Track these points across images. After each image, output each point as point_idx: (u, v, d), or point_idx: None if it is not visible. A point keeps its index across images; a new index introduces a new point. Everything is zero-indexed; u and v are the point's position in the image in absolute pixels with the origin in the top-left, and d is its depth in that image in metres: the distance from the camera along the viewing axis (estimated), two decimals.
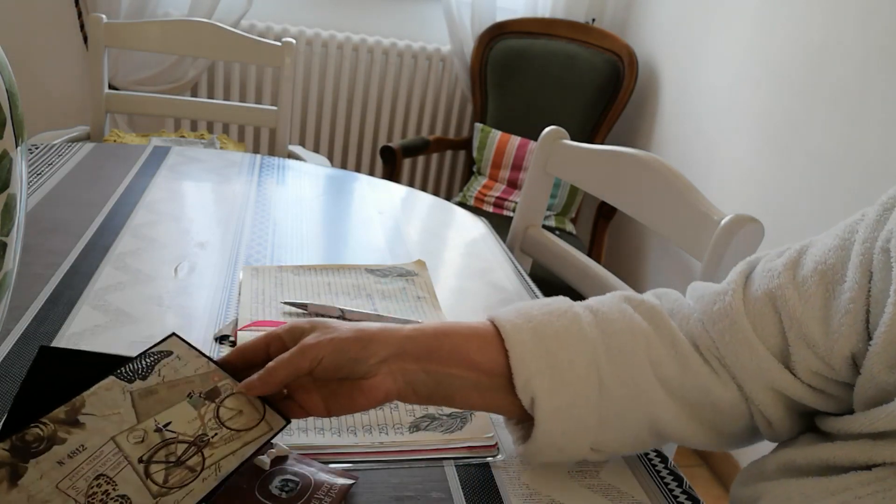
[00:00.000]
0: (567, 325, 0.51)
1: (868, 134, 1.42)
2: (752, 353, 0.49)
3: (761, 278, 0.51)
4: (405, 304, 0.80)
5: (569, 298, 0.55)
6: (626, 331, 0.52)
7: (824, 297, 0.47)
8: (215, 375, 0.52)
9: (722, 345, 0.51)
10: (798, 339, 0.48)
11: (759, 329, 0.50)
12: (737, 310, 0.50)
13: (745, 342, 0.49)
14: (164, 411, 0.49)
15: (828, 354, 0.46)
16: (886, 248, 0.43)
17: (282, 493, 0.48)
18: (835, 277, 0.46)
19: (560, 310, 0.53)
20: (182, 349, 0.54)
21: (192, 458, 0.47)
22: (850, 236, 0.47)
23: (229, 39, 1.59)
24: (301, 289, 0.79)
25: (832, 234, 0.49)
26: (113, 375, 0.51)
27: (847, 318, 0.45)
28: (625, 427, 0.52)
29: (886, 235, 0.43)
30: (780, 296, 0.49)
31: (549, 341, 0.50)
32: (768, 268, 0.51)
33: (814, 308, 0.47)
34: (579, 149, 1.03)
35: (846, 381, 0.47)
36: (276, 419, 0.50)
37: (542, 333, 0.50)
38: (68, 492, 0.44)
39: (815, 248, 0.49)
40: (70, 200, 0.95)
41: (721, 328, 0.51)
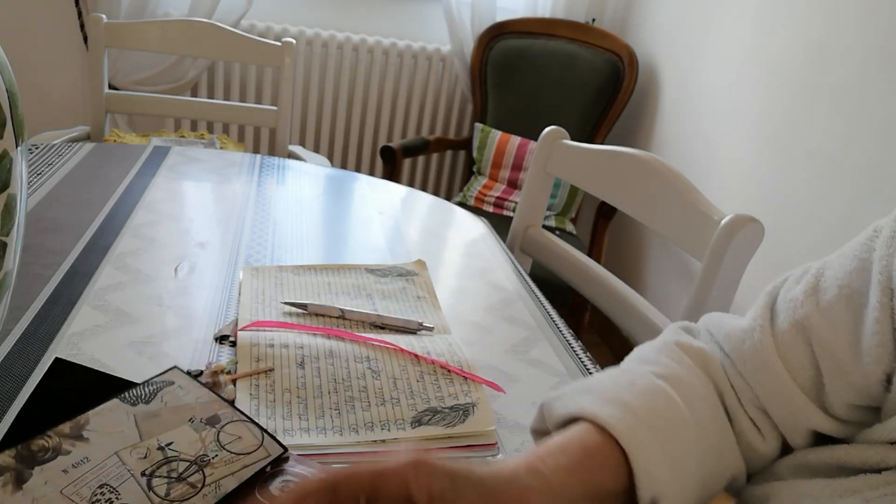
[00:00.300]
0: (670, 412, 0.46)
1: (868, 134, 1.42)
2: (787, 396, 0.48)
3: (785, 309, 0.49)
4: (405, 303, 0.80)
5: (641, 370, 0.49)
6: (705, 398, 0.49)
7: (852, 321, 0.45)
8: (216, 404, 0.54)
9: (757, 388, 0.49)
10: (833, 369, 0.46)
11: (791, 364, 0.48)
12: (767, 347, 0.49)
13: (780, 383, 0.48)
14: (167, 432, 0.51)
15: (863, 381, 0.45)
16: None
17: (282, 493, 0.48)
18: (860, 301, 0.45)
19: (650, 389, 0.47)
20: (183, 380, 0.57)
21: (193, 476, 0.48)
22: (867, 255, 0.45)
23: (229, 39, 1.59)
24: (301, 289, 0.79)
25: (849, 256, 0.47)
26: (117, 398, 0.53)
27: (875, 339, 0.43)
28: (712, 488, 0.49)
29: None
30: (808, 325, 0.47)
31: (666, 441, 0.45)
32: (789, 297, 0.49)
33: (844, 333, 0.46)
34: (579, 149, 1.03)
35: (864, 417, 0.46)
36: (273, 446, 0.52)
37: (653, 427, 0.45)
38: (72, 497, 0.44)
39: (832, 270, 0.48)
40: (70, 200, 0.95)
41: (753, 368, 0.49)
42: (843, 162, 1.47)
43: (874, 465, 0.41)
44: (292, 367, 0.63)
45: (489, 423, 0.60)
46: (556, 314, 0.86)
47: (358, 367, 0.65)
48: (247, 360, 0.63)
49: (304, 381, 0.62)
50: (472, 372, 0.66)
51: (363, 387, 0.62)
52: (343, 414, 0.59)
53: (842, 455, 0.43)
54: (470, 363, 0.67)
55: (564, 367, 0.74)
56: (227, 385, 0.60)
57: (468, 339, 0.76)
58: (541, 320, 0.84)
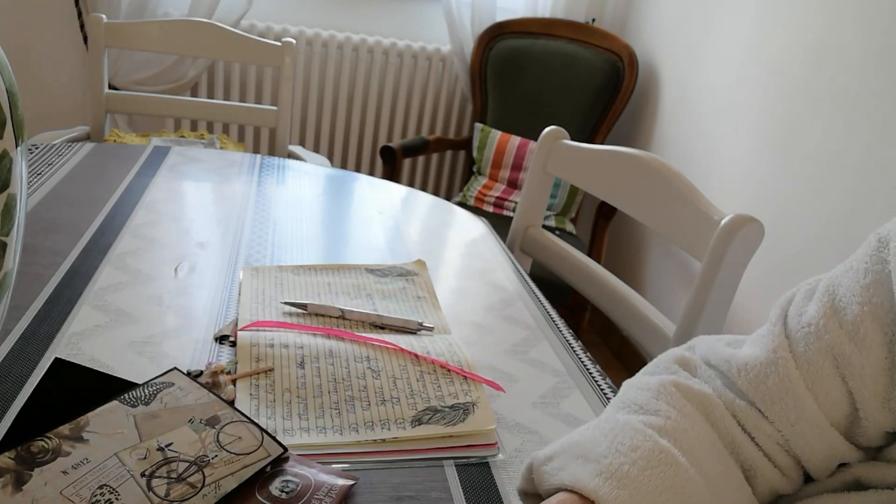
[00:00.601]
0: (678, 481, 0.42)
1: (868, 134, 1.42)
2: (821, 435, 0.44)
3: (805, 336, 0.45)
4: (405, 303, 0.80)
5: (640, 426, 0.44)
6: (711, 452, 0.45)
7: (885, 342, 0.41)
8: (215, 405, 0.55)
9: (786, 428, 0.45)
10: (873, 397, 0.42)
11: (822, 398, 0.44)
12: (796, 382, 0.44)
13: (814, 423, 0.44)
14: (166, 433, 0.51)
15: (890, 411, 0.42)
16: None
17: (282, 494, 0.49)
18: (887, 318, 0.42)
19: (656, 457, 0.42)
20: (183, 381, 0.57)
21: (193, 476, 0.48)
22: (881, 267, 0.42)
23: (229, 39, 1.59)
24: (301, 289, 0.79)
25: (859, 270, 0.44)
26: (117, 400, 0.53)
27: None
28: None
29: None
30: (837, 354, 0.43)
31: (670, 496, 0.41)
32: (805, 322, 0.45)
33: (878, 358, 0.42)
34: (579, 149, 1.03)
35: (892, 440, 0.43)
36: (273, 446, 0.52)
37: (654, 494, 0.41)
38: (72, 498, 0.44)
39: (844, 287, 0.44)
40: (70, 200, 0.95)
41: (784, 408, 0.44)
42: (842, 162, 1.47)
43: (890, 484, 0.39)
44: (292, 367, 0.63)
45: (489, 423, 0.60)
46: (556, 314, 0.86)
47: (358, 366, 0.65)
48: (247, 360, 0.63)
49: (304, 381, 0.62)
50: (472, 371, 0.66)
51: (363, 386, 0.62)
52: (343, 413, 0.59)
53: (858, 472, 0.41)
54: (470, 363, 0.67)
55: (564, 367, 0.74)
56: (227, 385, 0.60)
57: (468, 339, 0.76)
58: (541, 320, 0.84)
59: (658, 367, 0.51)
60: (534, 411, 0.65)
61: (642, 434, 0.43)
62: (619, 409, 0.47)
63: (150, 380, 0.57)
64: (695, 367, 0.50)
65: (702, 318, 0.80)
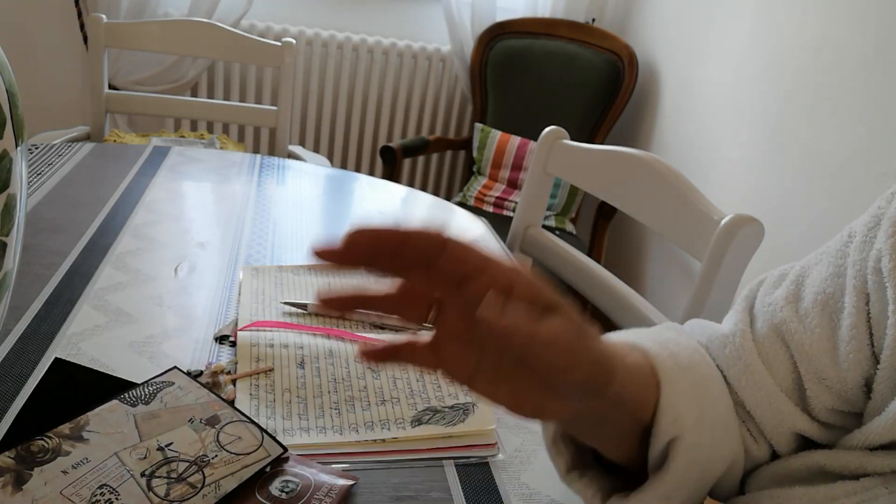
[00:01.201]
0: (707, 368, 0.48)
1: (868, 133, 1.42)
2: (770, 398, 0.47)
3: (764, 313, 0.49)
4: None
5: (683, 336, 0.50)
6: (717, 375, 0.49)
7: (829, 327, 0.45)
8: (215, 405, 0.55)
9: (741, 391, 0.48)
10: (810, 374, 0.46)
11: (773, 368, 0.48)
12: (749, 350, 0.48)
13: (763, 386, 0.47)
14: (166, 433, 0.51)
15: (841, 387, 0.45)
16: (878, 267, 0.42)
17: (282, 494, 0.49)
18: (836, 306, 0.45)
19: (692, 347, 0.49)
20: (183, 380, 0.57)
21: (193, 476, 0.48)
22: (842, 261, 0.46)
23: (229, 39, 1.59)
24: (301, 289, 0.79)
25: (826, 262, 0.47)
26: (116, 399, 0.53)
27: (852, 345, 0.43)
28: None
29: (876, 255, 0.42)
30: (786, 330, 0.47)
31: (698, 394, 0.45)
32: (768, 301, 0.50)
33: (821, 340, 0.45)
34: (579, 149, 1.03)
35: (846, 422, 0.46)
36: (273, 446, 0.52)
37: (692, 377, 0.45)
38: (72, 498, 0.44)
39: (810, 278, 0.48)
40: (70, 200, 0.95)
41: (736, 372, 0.49)
42: (842, 161, 1.47)
43: (853, 471, 0.41)
44: (292, 367, 0.63)
45: (489, 423, 0.60)
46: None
47: (358, 366, 0.65)
48: (247, 360, 0.63)
49: (304, 381, 0.62)
50: None
51: (363, 386, 0.62)
52: (343, 413, 0.59)
53: (822, 460, 0.43)
54: None
55: None
56: (227, 385, 0.60)
57: None
58: None
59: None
60: None
61: (671, 328, 0.52)
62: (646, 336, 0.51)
63: (149, 379, 0.57)
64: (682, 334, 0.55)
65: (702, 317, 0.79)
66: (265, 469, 0.50)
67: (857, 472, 0.41)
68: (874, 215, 0.45)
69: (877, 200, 0.46)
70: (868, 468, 0.40)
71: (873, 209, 0.45)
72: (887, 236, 0.42)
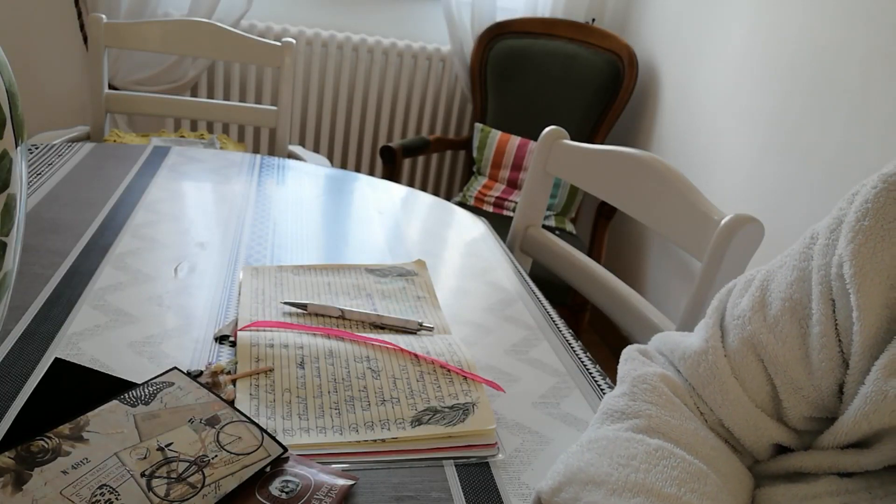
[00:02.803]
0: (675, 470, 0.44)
1: (868, 133, 1.42)
2: (747, 416, 0.47)
3: (734, 327, 0.49)
4: (405, 303, 0.80)
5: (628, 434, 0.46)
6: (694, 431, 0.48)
7: (799, 335, 0.45)
8: (215, 405, 0.55)
9: (718, 410, 0.49)
10: (785, 385, 0.46)
11: (748, 384, 0.48)
12: (722, 368, 0.48)
13: (739, 404, 0.47)
14: (166, 433, 0.51)
15: (817, 395, 0.45)
16: (840, 273, 0.42)
17: (282, 494, 0.49)
18: (804, 312, 0.45)
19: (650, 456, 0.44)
20: (183, 381, 0.57)
21: (193, 476, 0.48)
22: (806, 264, 0.46)
23: (229, 39, 1.59)
24: (301, 289, 0.79)
25: (789, 266, 0.47)
26: (116, 399, 0.53)
27: (824, 353, 0.43)
28: None
29: (838, 261, 0.42)
30: (757, 343, 0.47)
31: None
32: (736, 314, 0.49)
33: (792, 349, 0.45)
34: (579, 149, 1.03)
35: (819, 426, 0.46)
36: (273, 446, 0.52)
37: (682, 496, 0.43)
38: (72, 498, 0.44)
39: (776, 283, 0.48)
40: (70, 200, 0.95)
41: (712, 391, 0.49)
42: (842, 162, 1.47)
43: (827, 470, 0.41)
44: (292, 367, 0.63)
45: (489, 423, 0.60)
46: (556, 314, 0.86)
47: (358, 366, 0.65)
48: (247, 360, 0.63)
49: (304, 381, 0.62)
50: (472, 372, 0.66)
51: (363, 386, 0.62)
52: (343, 413, 0.59)
53: (796, 463, 0.44)
54: (470, 363, 0.67)
55: (564, 367, 0.74)
56: (227, 385, 0.60)
57: (468, 339, 0.76)
58: (541, 320, 0.84)
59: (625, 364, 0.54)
60: (534, 411, 0.65)
61: (633, 441, 0.45)
62: (604, 421, 0.49)
63: (149, 379, 0.57)
64: (651, 355, 0.55)
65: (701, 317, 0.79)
66: (265, 469, 0.50)
67: (831, 470, 0.41)
68: (836, 217, 0.44)
69: (839, 202, 0.45)
70: (840, 466, 0.41)
71: (835, 211, 0.45)
72: (847, 241, 0.41)
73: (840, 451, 0.41)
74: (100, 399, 0.53)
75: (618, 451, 0.44)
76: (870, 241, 0.40)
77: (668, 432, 0.46)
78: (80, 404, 0.52)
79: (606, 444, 0.46)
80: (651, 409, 0.48)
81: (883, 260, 0.40)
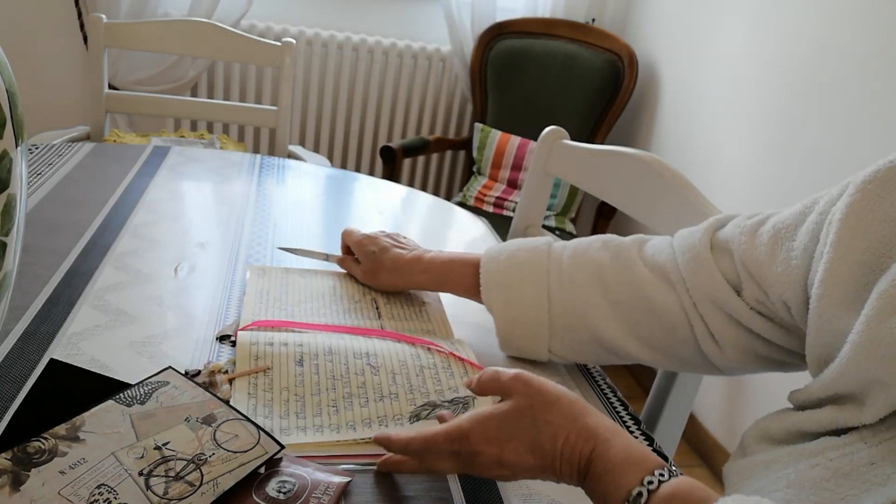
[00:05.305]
0: (531, 258, 0.69)
1: (867, 133, 1.42)
2: (709, 277, 0.60)
3: (730, 228, 0.61)
4: (410, 308, 0.79)
5: (556, 239, 0.72)
6: (584, 263, 0.67)
7: (771, 247, 0.55)
8: (211, 403, 0.55)
9: (684, 268, 0.62)
10: (745, 272, 0.57)
11: (719, 262, 0.60)
12: (702, 244, 0.61)
13: (705, 268, 0.60)
14: (163, 432, 0.51)
15: (766, 292, 0.56)
16: (831, 220, 0.49)
17: (279, 494, 0.49)
18: (786, 234, 0.54)
19: (535, 246, 0.70)
20: (178, 380, 0.57)
21: (191, 474, 0.48)
22: (811, 205, 0.54)
23: (229, 39, 1.59)
24: (306, 292, 0.79)
25: (797, 207, 0.55)
26: (112, 399, 0.53)
27: (786, 268, 0.53)
28: (574, 339, 0.68)
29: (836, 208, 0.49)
30: (734, 240, 0.59)
31: (511, 269, 0.70)
32: (738, 223, 0.60)
33: (760, 254, 0.56)
34: (579, 149, 1.03)
35: (781, 320, 0.56)
36: (270, 443, 0.52)
37: (508, 263, 0.70)
38: (70, 498, 0.44)
39: (780, 214, 0.57)
40: (70, 200, 0.95)
41: (688, 258, 0.62)
42: (842, 161, 1.47)
43: (828, 427, 0.45)
44: (291, 365, 0.63)
45: None
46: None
47: (357, 362, 0.65)
48: (245, 360, 0.63)
49: (303, 379, 0.62)
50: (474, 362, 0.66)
51: (362, 382, 0.62)
52: (341, 411, 0.59)
53: (797, 421, 0.47)
54: (473, 361, 0.67)
55: (564, 367, 0.74)
56: (224, 385, 0.60)
57: (468, 339, 0.76)
58: None
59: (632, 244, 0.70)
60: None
61: (548, 239, 0.72)
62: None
63: (144, 379, 0.57)
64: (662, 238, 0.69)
65: None
66: (259, 470, 0.50)
67: (831, 426, 0.45)
68: (849, 180, 0.50)
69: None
70: (840, 422, 0.44)
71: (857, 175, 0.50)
72: (849, 195, 0.48)
73: (837, 409, 0.45)
74: (95, 399, 0.53)
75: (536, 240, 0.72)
76: (865, 198, 0.47)
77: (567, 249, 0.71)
78: (75, 405, 0.52)
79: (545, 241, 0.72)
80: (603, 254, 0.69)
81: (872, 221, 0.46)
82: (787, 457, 0.46)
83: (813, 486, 0.42)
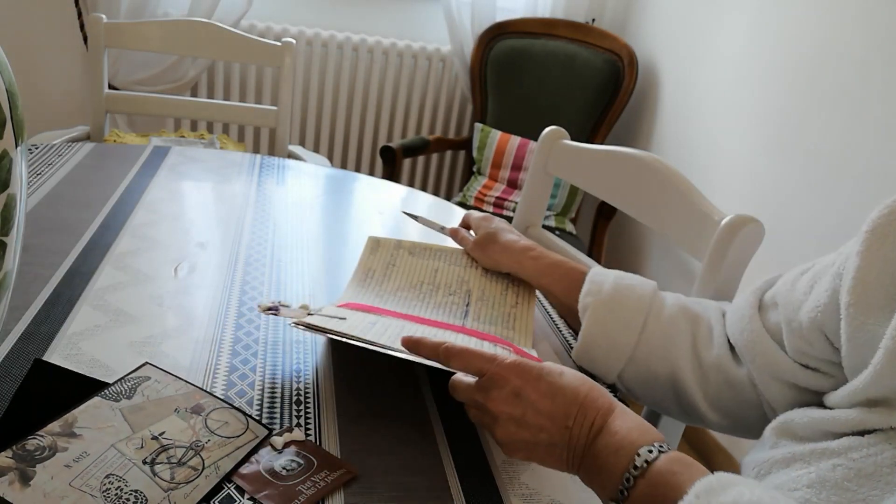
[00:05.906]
0: (637, 285, 0.71)
1: (867, 133, 1.42)
2: (758, 341, 0.61)
3: (780, 283, 0.62)
4: (499, 310, 0.77)
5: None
6: (683, 311, 0.69)
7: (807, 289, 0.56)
8: (196, 394, 0.57)
9: (739, 341, 0.63)
10: (785, 318, 0.58)
11: (764, 320, 0.61)
12: (752, 318, 0.62)
13: (756, 333, 0.61)
14: (157, 423, 0.53)
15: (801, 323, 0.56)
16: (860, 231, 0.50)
17: (283, 471, 0.51)
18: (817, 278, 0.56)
19: (644, 281, 0.72)
20: (158, 374, 0.59)
21: (192, 460, 0.50)
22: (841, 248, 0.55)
23: (229, 39, 1.59)
24: (407, 277, 0.80)
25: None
26: (98, 396, 0.55)
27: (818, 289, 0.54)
28: (650, 373, 0.68)
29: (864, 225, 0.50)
30: (780, 292, 0.60)
31: (618, 289, 0.70)
32: (782, 291, 0.61)
33: (799, 293, 0.57)
34: (579, 149, 1.03)
35: (821, 365, 0.56)
36: (259, 428, 0.55)
37: (616, 282, 0.71)
38: (82, 488, 0.46)
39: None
40: (70, 200, 0.95)
41: (741, 328, 0.63)
42: (843, 161, 1.47)
43: (854, 428, 0.45)
44: (365, 324, 0.65)
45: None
46: (557, 314, 0.86)
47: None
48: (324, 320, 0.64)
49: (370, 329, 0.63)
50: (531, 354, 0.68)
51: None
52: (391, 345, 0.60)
53: (822, 420, 0.48)
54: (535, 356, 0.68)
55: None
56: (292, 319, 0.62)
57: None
58: (541, 321, 0.84)
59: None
60: None
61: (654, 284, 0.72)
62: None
63: (124, 375, 0.58)
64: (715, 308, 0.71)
65: None
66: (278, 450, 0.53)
67: (858, 428, 0.45)
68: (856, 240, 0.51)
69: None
70: (868, 424, 0.44)
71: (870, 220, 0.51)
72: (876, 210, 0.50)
73: (867, 410, 0.45)
74: (79, 398, 0.54)
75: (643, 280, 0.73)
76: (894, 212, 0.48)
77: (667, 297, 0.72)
78: (57, 404, 0.53)
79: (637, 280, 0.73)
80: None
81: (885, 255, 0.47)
82: (808, 455, 0.46)
83: (834, 486, 0.43)
